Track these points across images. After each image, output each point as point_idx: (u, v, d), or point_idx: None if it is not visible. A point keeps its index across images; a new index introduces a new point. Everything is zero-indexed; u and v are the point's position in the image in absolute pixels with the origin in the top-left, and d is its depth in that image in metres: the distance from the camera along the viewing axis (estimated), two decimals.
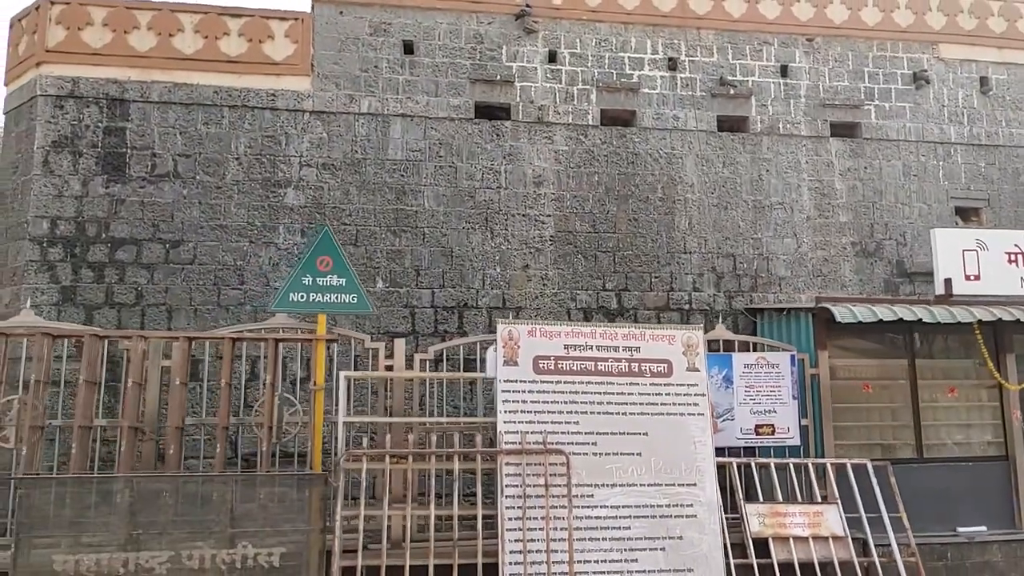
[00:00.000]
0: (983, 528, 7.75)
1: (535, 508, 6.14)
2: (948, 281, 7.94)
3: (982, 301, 8.06)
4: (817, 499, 7.29)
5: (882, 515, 7.05)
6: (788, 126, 9.80)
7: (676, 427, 6.64)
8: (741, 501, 7.04)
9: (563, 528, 6.10)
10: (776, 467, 7.30)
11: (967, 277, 7.99)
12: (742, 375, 7.72)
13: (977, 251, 8.07)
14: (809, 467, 7.40)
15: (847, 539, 6.96)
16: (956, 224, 9.95)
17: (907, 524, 7.05)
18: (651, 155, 9.43)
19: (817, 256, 9.60)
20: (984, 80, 10.43)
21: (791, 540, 6.89)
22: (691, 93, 9.65)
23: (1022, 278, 8.12)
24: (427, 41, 9.16)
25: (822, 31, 10.08)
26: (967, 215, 10.23)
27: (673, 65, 9.65)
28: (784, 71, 9.93)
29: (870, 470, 7.29)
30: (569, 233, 9.09)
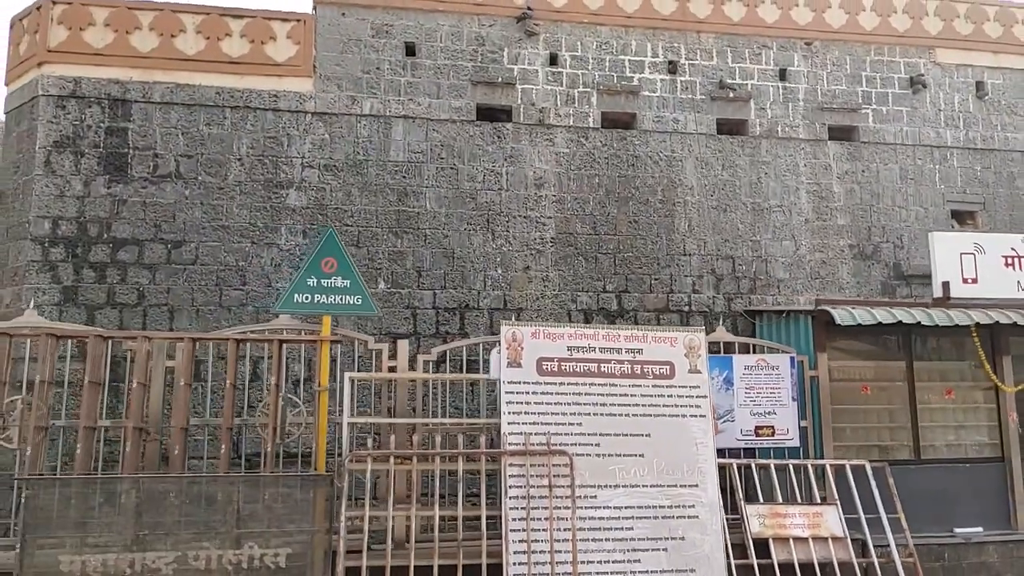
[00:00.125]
0: (979, 529, 7.82)
1: (539, 509, 6.18)
2: (946, 284, 8.02)
3: (979, 304, 8.14)
4: (816, 500, 7.34)
5: (880, 516, 7.10)
6: (787, 129, 9.87)
7: (678, 428, 6.69)
8: (741, 502, 7.09)
9: (567, 529, 6.13)
10: (776, 468, 7.36)
11: (965, 280, 8.07)
12: (742, 377, 7.77)
13: (975, 254, 8.15)
14: (808, 468, 7.46)
15: (846, 540, 7.02)
16: (952, 227, 10.05)
17: (905, 525, 7.11)
18: (651, 158, 9.49)
19: (815, 258, 9.67)
20: (980, 85, 10.54)
21: (791, 541, 6.94)
22: (691, 96, 9.71)
23: (1019, 281, 8.20)
24: (429, 43, 9.19)
25: (820, 35, 10.16)
26: (963, 218, 10.33)
27: (673, 68, 9.71)
28: (783, 75, 10.00)
29: (868, 471, 7.34)
30: (570, 235, 9.13)
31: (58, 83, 8.36)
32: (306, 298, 6.48)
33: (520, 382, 6.55)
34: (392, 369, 7.11)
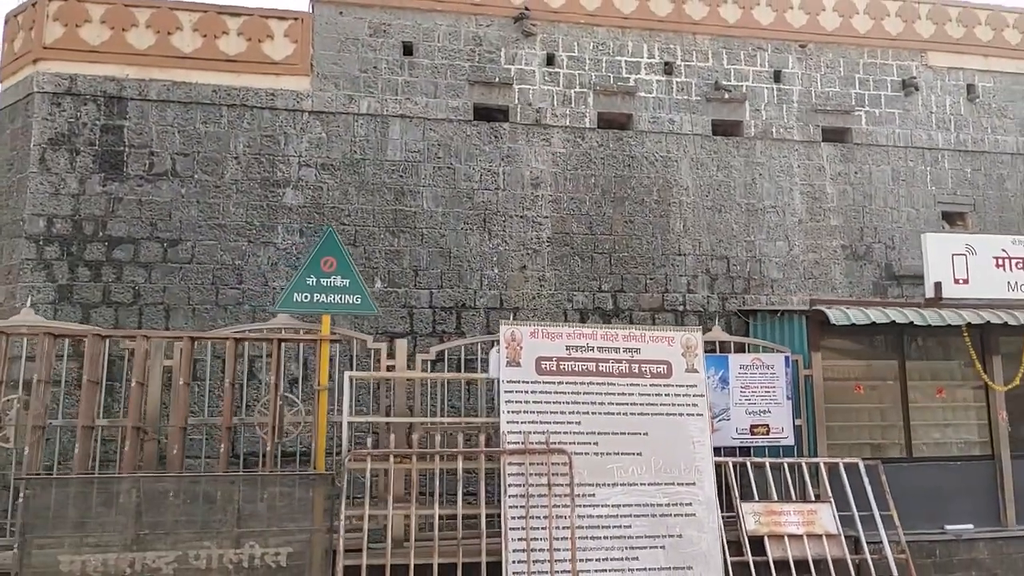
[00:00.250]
0: (970, 526, 7.92)
1: (538, 507, 6.22)
2: (938, 284, 8.11)
3: (970, 304, 8.24)
4: (811, 498, 7.41)
5: (874, 513, 7.20)
6: (781, 131, 9.95)
7: (675, 427, 6.75)
8: (737, 500, 7.16)
9: (566, 527, 6.18)
10: (771, 466, 7.43)
11: (956, 281, 8.17)
12: (738, 376, 7.84)
13: (966, 255, 8.24)
14: (803, 466, 7.54)
15: (840, 537, 7.11)
16: (943, 228, 10.16)
17: (897, 522, 7.21)
18: (647, 158, 9.54)
19: (808, 259, 9.76)
20: (971, 87, 10.66)
21: (786, 538, 7.02)
22: (686, 97, 9.76)
23: (1009, 282, 8.30)
24: (426, 43, 9.20)
25: (814, 38, 10.25)
26: (953, 220, 10.45)
27: (669, 69, 9.76)
28: (777, 76, 10.08)
29: (862, 469, 7.44)
30: (566, 235, 9.17)
31: (53, 80, 8.31)
32: (306, 297, 6.48)
33: (519, 381, 6.59)
34: (391, 368, 7.13)
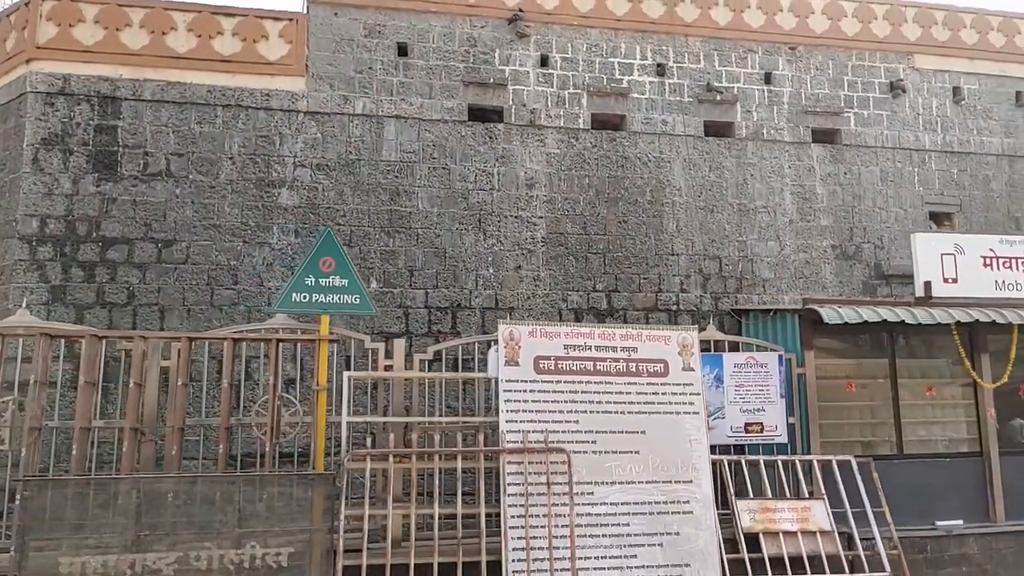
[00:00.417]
0: (960, 522, 8.03)
1: (537, 506, 6.25)
2: (928, 284, 8.24)
3: (959, 303, 8.37)
4: (805, 495, 7.50)
5: (866, 510, 7.29)
6: (772, 132, 10.05)
7: (673, 426, 6.81)
8: (732, 497, 7.22)
9: (565, 525, 6.22)
10: (765, 464, 7.51)
11: (945, 280, 8.30)
12: (732, 374, 7.92)
13: (955, 255, 8.37)
14: (796, 464, 7.63)
15: (833, 533, 7.19)
16: (930, 228, 10.30)
17: (890, 519, 7.30)
18: (640, 159, 9.61)
19: (799, 258, 9.87)
20: (956, 90, 10.81)
21: (780, 535, 7.09)
22: (679, 98, 9.84)
23: (996, 281, 8.44)
24: (421, 43, 9.22)
25: (804, 40, 10.36)
26: (940, 220, 10.59)
27: (661, 71, 9.84)
28: (768, 78, 10.19)
29: (854, 466, 7.53)
30: (560, 235, 9.22)
31: (47, 80, 8.26)
32: (304, 297, 6.49)
33: (518, 380, 6.63)
34: (388, 368, 7.15)
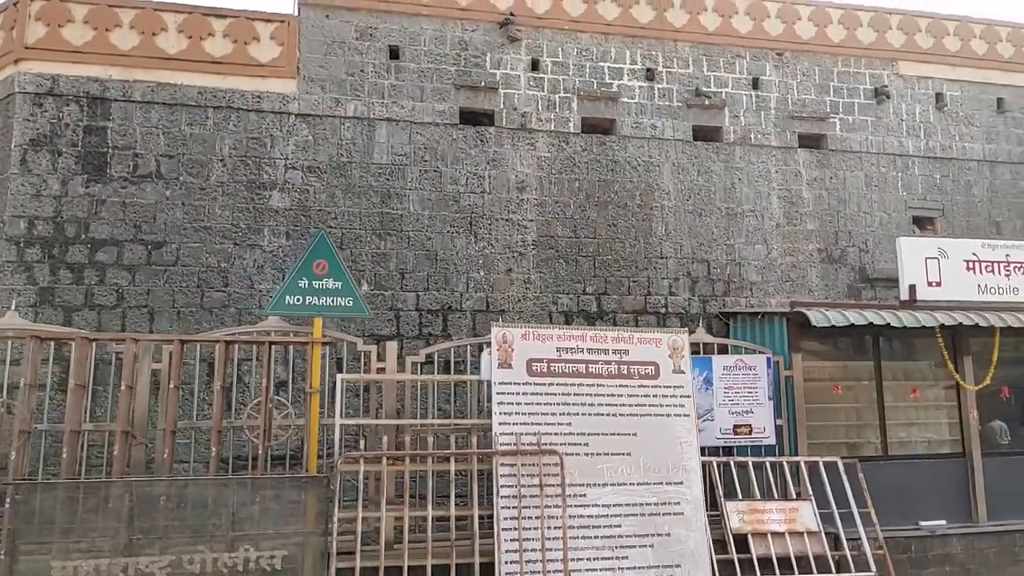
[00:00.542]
0: (943, 522, 8.16)
1: (530, 508, 6.30)
2: (912, 287, 8.37)
3: (942, 306, 8.51)
4: (792, 496, 7.60)
5: (852, 510, 7.39)
6: (759, 137, 10.17)
7: (663, 428, 6.88)
8: (721, 499, 7.31)
9: (558, 527, 6.26)
10: (753, 466, 7.60)
11: (929, 283, 8.43)
12: (721, 377, 8.00)
13: (939, 259, 8.51)
14: (784, 465, 7.73)
15: (821, 534, 7.29)
16: (913, 232, 10.45)
17: (875, 519, 7.42)
18: (629, 163, 9.68)
19: (786, 262, 9.98)
20: (939, 96, 10.98)
21: (769, 535, 7.18)
22: (668, 103, 9.93)
23: (979, 284, 8.59)
24: (412, 47, 9.24)
25: (791, 46, 10.49)
26: (923, 224, 10.75)
27: (651, 75, 9.93)
28: (755, 83, 10.30)
29: (841, 468, 7.64)
30: (551, 238, 9.28)
31: (35, 80, 8.20)
32: (298, 300, 6.50)
33: (511, 383, 6.67)
34: (380, 371, 7.16)
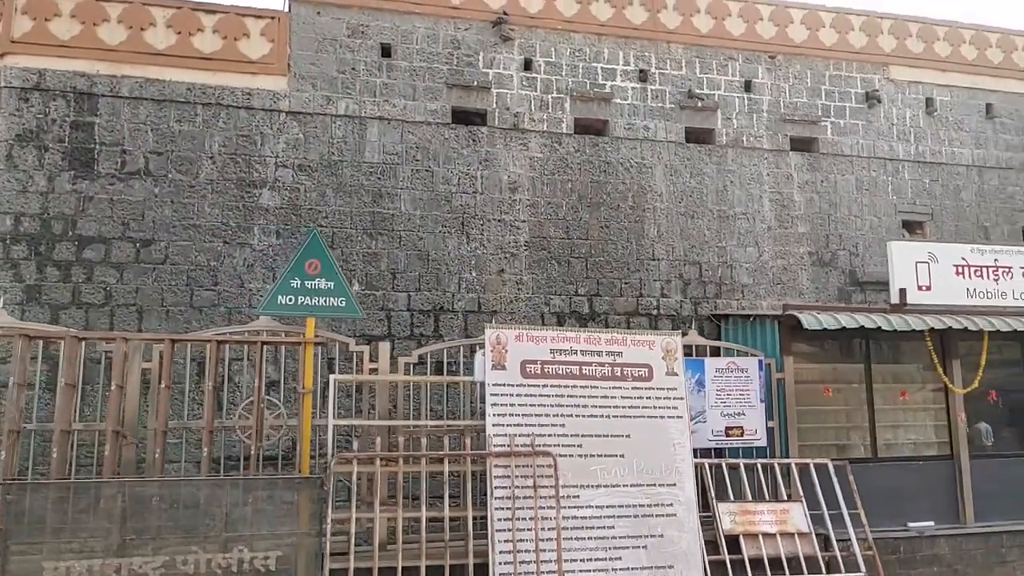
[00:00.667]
0: (931, 523, 8.24)
1: (523, 509, 6.29)
2: (903, 291, 8.43)
3: (932, 310, 8.57)
4: (783, 497, 7.62)
5: (842, 512, 7.45)
6: (751, 139, 10.20)
7: (657, 429, 6.89)
8: (713, 500, 7.33)
9: (551, 528, 6.26)
10: (745, 467, 7.63)
11: (919, 287, 8.49)
12: (713, 379, 8.02)
13: (928, 263, 8.58)
14: (775, 467, 7.76)
15: (811, 535, 7.34)
16: (903, 236, 10.52)
17: (864, 520, 7.48)
18: (622, 164, 9.69)
19: (777, 265, 10.02)
20: (929, 101, 11.07)
21: (760, 537, 7.22)
22: (661, 105, 9.94)
23: (968, 289, 8.67)
24: (405, 45, 9.19)
25: (783, 49, 10.53)
26: (913, 228, 10.84)
27: (644, 77, 9.93)
28: (748, 86, 10.33)
29: (831, 469, 7.69)
30: (543, 239, 9.26)
31: (21, 75, 8.08)
32: (290, 299, 6.44)
33: (504, 384, 6.66)
34: (373, 371, 7.12)
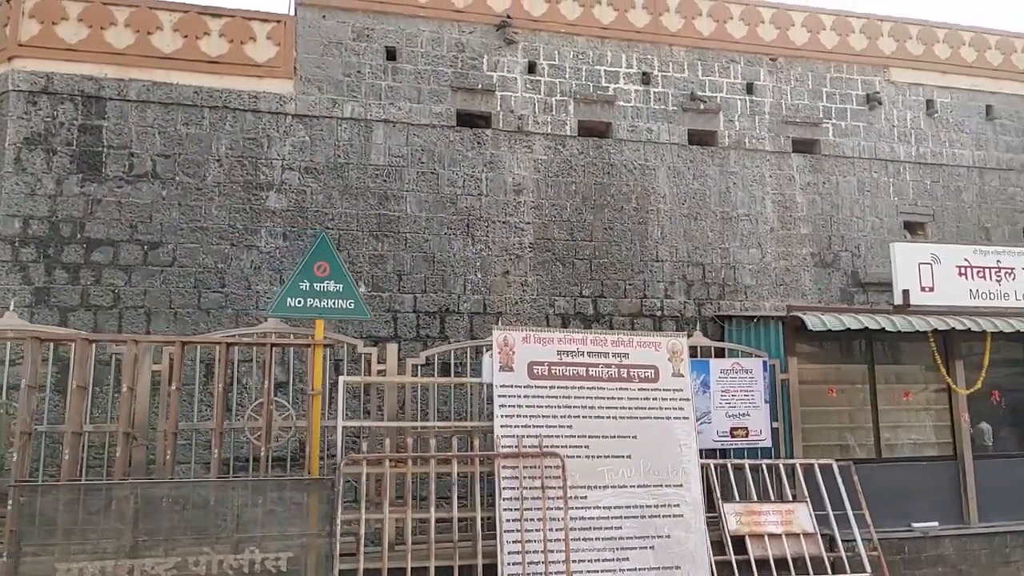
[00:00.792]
0: (935, 523, 8.30)
1: (532, 510, 6.33)
2: (906, 292, 8.48)
3: (935, 311, 8.63)
4: (788, 498, 7.69)
5: (847, 512, 7.50)
6: (753, 141, 10.25)
7: (663, 430, 6.94)
8: (719, 501, 7.38)
9: (560, 529, 6.30)
10: (750, 468, 7.68)
11: (922, 288, 8.55)
12: (718, 380, 8.08)
13: (931, 264, 8.64)
14: (780, 468, 7.81)
15: (816, 535, 7.39)
16: (904, 237, 10.57)
17: (869, 521, 7.52)
18: (626, 166, 9.74)
19: (780, 266, 10.07)
20: (930, 103, 11.12)
21: (766, 537, 7.27)
22: (664, 107, 10.00)
23: (971, 290, 8.73)
24: (409, 48, 9.23)
25: (784, 52, 10.59)
26: (914, 229, 10.89)
27: (647, 79, 9.98)
28: (750, 88, 10.39)
29: (835, 470, 7.74)
30: (548, 240, 9.30)
31: (29, 78, 8.12)
32: (299, 302, 6.49)
33: (512, 386, 6.71)
34: (381, 373, 7.17)
